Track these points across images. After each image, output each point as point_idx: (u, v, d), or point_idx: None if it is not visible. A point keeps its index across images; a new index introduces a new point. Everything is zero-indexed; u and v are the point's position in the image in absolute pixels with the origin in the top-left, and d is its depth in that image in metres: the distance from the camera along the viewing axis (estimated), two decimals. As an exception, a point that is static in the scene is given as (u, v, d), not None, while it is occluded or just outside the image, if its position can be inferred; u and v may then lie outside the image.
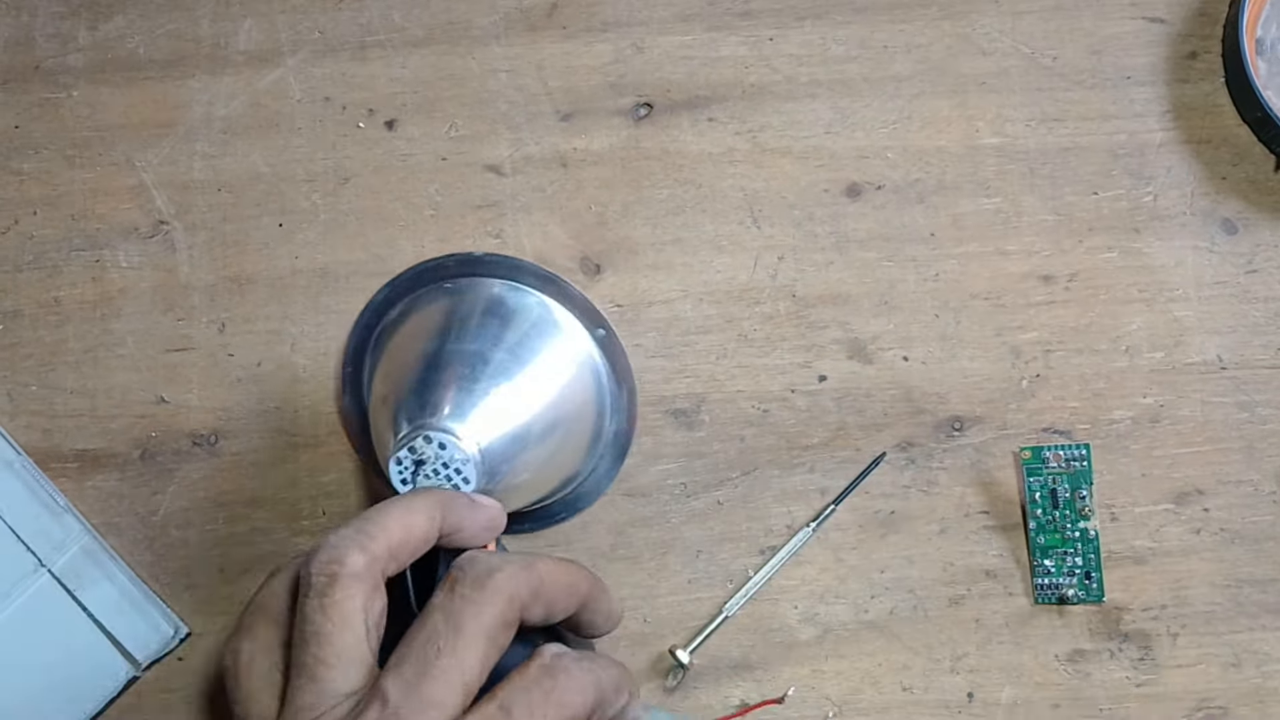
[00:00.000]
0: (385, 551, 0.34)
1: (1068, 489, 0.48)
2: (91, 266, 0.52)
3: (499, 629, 0.33)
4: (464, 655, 0.32)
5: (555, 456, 0.44)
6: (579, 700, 0.32)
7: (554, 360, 0.45)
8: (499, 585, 0.33)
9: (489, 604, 0.33)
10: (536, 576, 0.34)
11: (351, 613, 0.33)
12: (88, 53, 0.54)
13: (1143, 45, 0.53)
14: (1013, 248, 0.51)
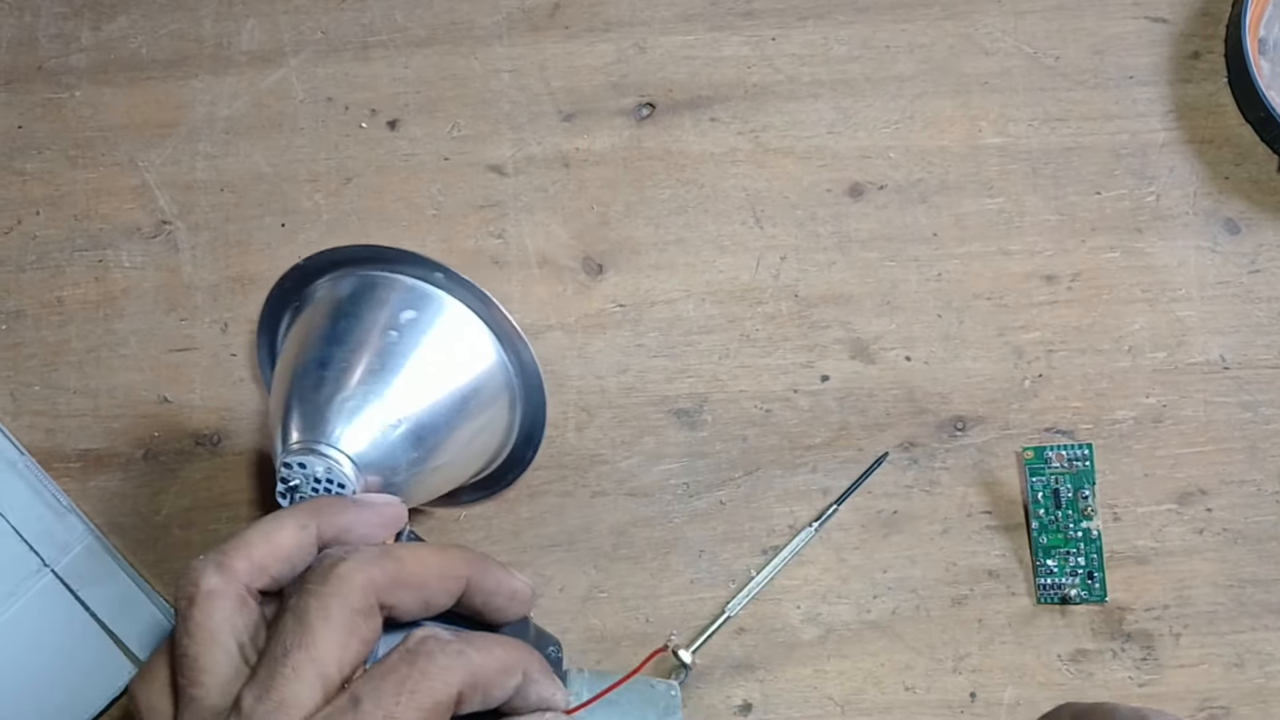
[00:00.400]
0: (246, 566, 0.34)
1: (1070, 489, 0.48)
2: (94, 266, 0.52)
3: (352, 619, 0.32)
4: (315, 650, 0.31)
5: (463, 438, 0.42)
6: (439, 685, 0.31)
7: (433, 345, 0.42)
8: (344, 574, 0.32)
9: (335, 595, 0.32)
10: (393, 563, 0.34)
11: (214, 630, 0.32)
12: (91, 53, 0.54)
13: (1145, 45, 0.53)
14: (1015, 247, 0.51)
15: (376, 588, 0.33)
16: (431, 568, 0.35)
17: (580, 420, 0.50)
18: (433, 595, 0.34)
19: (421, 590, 0.34)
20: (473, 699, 0.32)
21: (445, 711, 0.32)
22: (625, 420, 0.50)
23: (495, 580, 0.36)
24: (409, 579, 0.34)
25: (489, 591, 0.36)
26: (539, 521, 0.49)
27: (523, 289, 0.51)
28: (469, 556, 0.36)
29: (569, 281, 0.51)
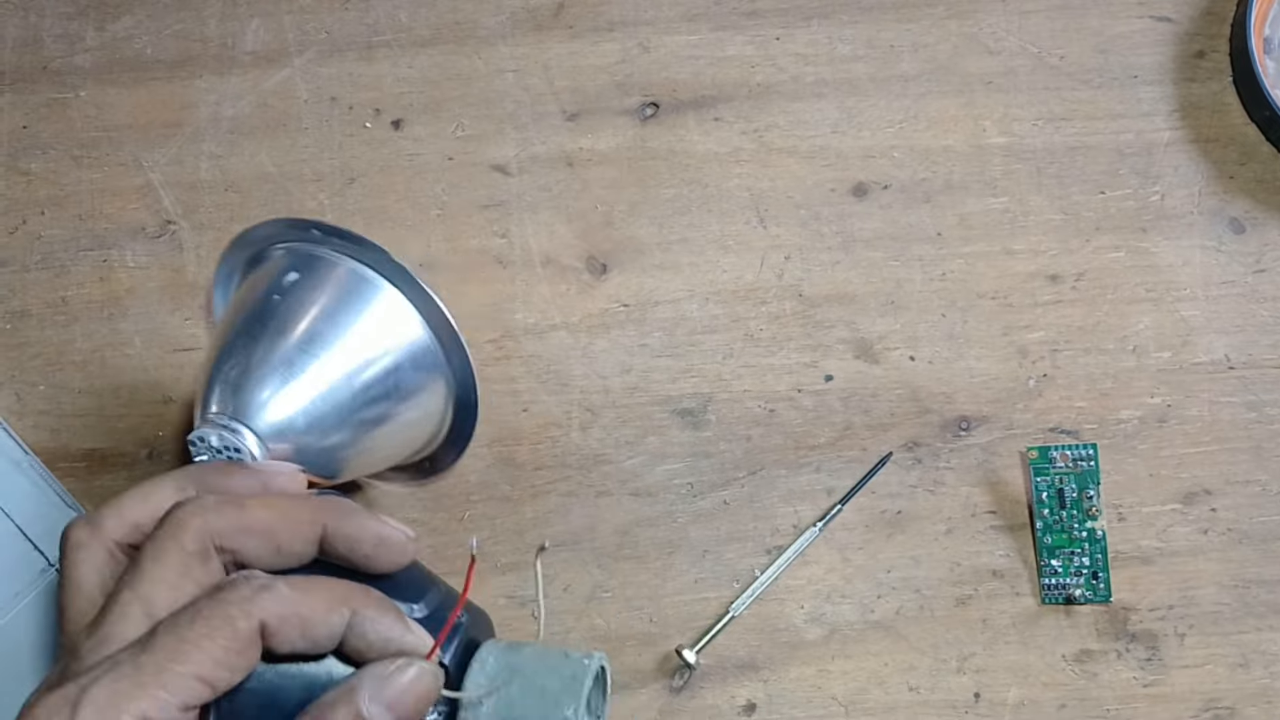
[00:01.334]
0: (115, 524, 0.35)
1: (1075, 489, 0.48)
2: (99, 266, 0.52)
3: (185, 560, 0.33)
4: (141, 588, 0.32)
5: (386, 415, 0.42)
6: (236, 614, 0.31)
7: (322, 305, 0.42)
8: (179, 518, 0.33)
9: (168, 537, 0.33)
10: (233, 509, 0.34)
11: (79, 580, 0.34)
12: (95, 53, 0.54)
13: (1150, 44, 0.53)
14: (1020, 247, 0.51)
15: (212, 531, 0.33)
16: (279, 514, 0.35)
17: (584, 420, 0.50)
18: (284, 542, 0.34)
19: (269, 536, 0.34)
20: (285, 633, 0.32)
21: (246, 644, 0.31)
22: (629, 420, 0.50)
23: (357, 526, 0.36)
24: (253, 524, 0.34)
25: (352, 538, 0.35)
26: (543, 521, 0.49)
27: (526, 289, 0.51)
28: (326, 503, 0.36)
29: (573, 281, 0.51)
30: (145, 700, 0.30)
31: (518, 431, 0.50)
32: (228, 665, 0.31)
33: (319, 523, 0.35)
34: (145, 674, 0.30)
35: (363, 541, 0.36)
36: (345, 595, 0.33)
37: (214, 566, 0.34)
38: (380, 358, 0.42)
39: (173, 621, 0.31)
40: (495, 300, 0.51)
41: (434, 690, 0.34)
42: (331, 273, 0.42)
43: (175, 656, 0.30)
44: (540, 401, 0.50)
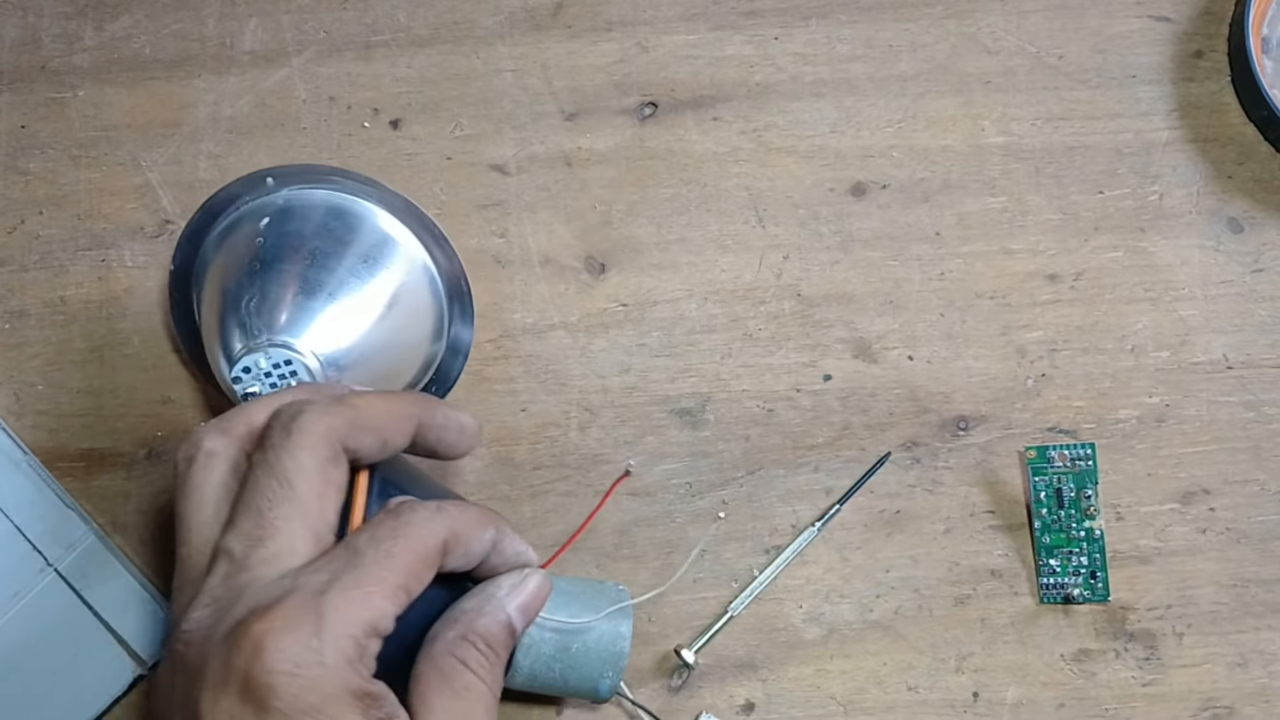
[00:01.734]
0: (246, 431, 0.36)
1: (1073, 488, 0.48)
2: (97, 266, 0.52)
3: (324, 468, 0.34)
4: (299, 503, 0.33)
5: (395, 359, 0.45)
6: (426, 533, 0.33)
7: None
8: (305, 426, 0.34)
9: (301, 446, 0.34)
10: (349, 408, 0.35)
11: (207, 489, 0.35)
12: (94, 53, 0.54)
13: (1148, 44, 0.53)
14: (1018, 247, 0.51)
15: (338, 434, 0.34)
16: (383, 409, 0.36)
17: (583, 420, 0.50)
18: (389, 436, 0.36)
19: (379, 432, 0.36)
20: (455, 551, 0.34)
21: (433, 559, 0.34)
22: (627, 420, 0.50)
23: (444, 416, 0.38)
24: (366, 422, 0.35)
25: (440, 427, 0.38)
26: (542, 521, 0.49)
27: (525, 288, 0.51)
28: (416, 396, 0.38)
29: (571, 281, 0.51)
30: (374, 608, 0.31)
31: (516, 431, 0.50)
32: (419, 578, 0.33)
33: (414, 416, 0.37)
34: (369, 583, 0.32)
35: (448, 430, 0.38)
36: (490, 516, 0.36)
37: (344, 468, 0.35)
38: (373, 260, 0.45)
39: (374, 536, 0.33)
40: (494, 300, 0.51)
41: (547, 594, 0.38)
42: (305, 205, 0.45)
43: (388, 566, 0.32)
44: (539, 401, 0.50)
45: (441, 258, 0.47)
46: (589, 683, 0.41)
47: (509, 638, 0.36)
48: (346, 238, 0.45)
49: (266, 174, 0.46)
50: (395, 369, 0.45)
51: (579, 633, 0.41)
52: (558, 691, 0.42)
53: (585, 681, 0.41)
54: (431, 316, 0.47)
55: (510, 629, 0.36)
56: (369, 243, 0.45)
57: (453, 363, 0.49)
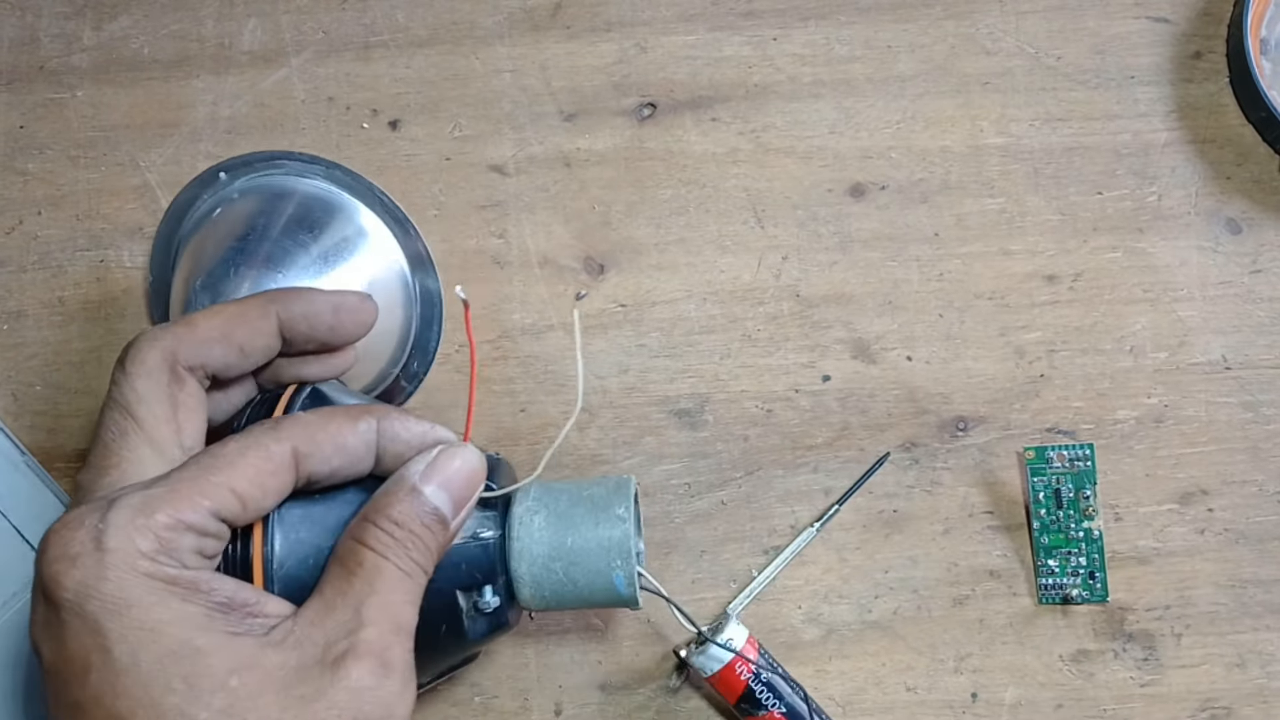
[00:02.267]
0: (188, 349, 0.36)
1: (1072, 489, 0.48)
2: (96, 267, 0.52)
3: (162, 389, 0.34)
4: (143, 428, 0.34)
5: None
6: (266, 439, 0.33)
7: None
8: (136, 354, 0.35)
9: (137, 375, 0.34)
10: (184, 325, 0.35)
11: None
12: (92, 53, 0.54)
13: (1147, 45, 0.53)
14: (1017, 247, 0.51)
15: (173, 355, 0.35)
16: (227, 314, 0.36)
17: (581, 420, 0.50)
18: (244, 340, 0.36)
19: (227, 339, 0.36)
20: (320, 454, 0.33)
21: (280, 465, 0.32)
22: (626, 420, 0.50)
23: (307, 300, 0.37)
24: (204, 334, 0.35)
25: (309, 314, 0.37)
26: (540, 521, 0.49)
27: (524, 289, 0.51)
28: (270, 292, 0.37)
29: (570, 281, 0.51)
30: (180, 503, 0.31)
31: (515, 432, 0.50)
32: (260, 484, 0.32)
33: (270, 312, 0.36)
34: (181, 484, 0.31)
35: (320, 313, 0.37)
36: (366, 409, 0.35)
37: (191, 387, 0.35)
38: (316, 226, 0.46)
39: (207, 449, 0.33)
40: (493, 301, 0.51)
41: (481, 470, 0.35)
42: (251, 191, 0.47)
43: (210, 470, 0.31)
44: (538, 402, 0.50)
45: (393, 224, 0.48)
46: (601, 578, 0.37)
47: (429, 517, 0.33)
48: (285, 209, 0.46)
49: (219, 169, 0.48)
50: None
51: (571, 526, 0.37)
52: (578, 601, 0.38)
53: (597, 578, 0.37)
54: (392, 273, 0.47)
55: (428, 507, 0.33)
56: (309, 211, 0.46)
57: (431, 315, 0.49)
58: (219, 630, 0.30)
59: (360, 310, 0.38)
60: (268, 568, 0.33)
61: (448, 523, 0.34)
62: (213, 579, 0.31)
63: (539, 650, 0.48)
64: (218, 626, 0.30)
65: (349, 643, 0.31)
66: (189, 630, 0.30)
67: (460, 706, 0.47)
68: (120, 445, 0.33)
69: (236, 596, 0.31)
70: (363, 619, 0.31)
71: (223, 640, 0.30)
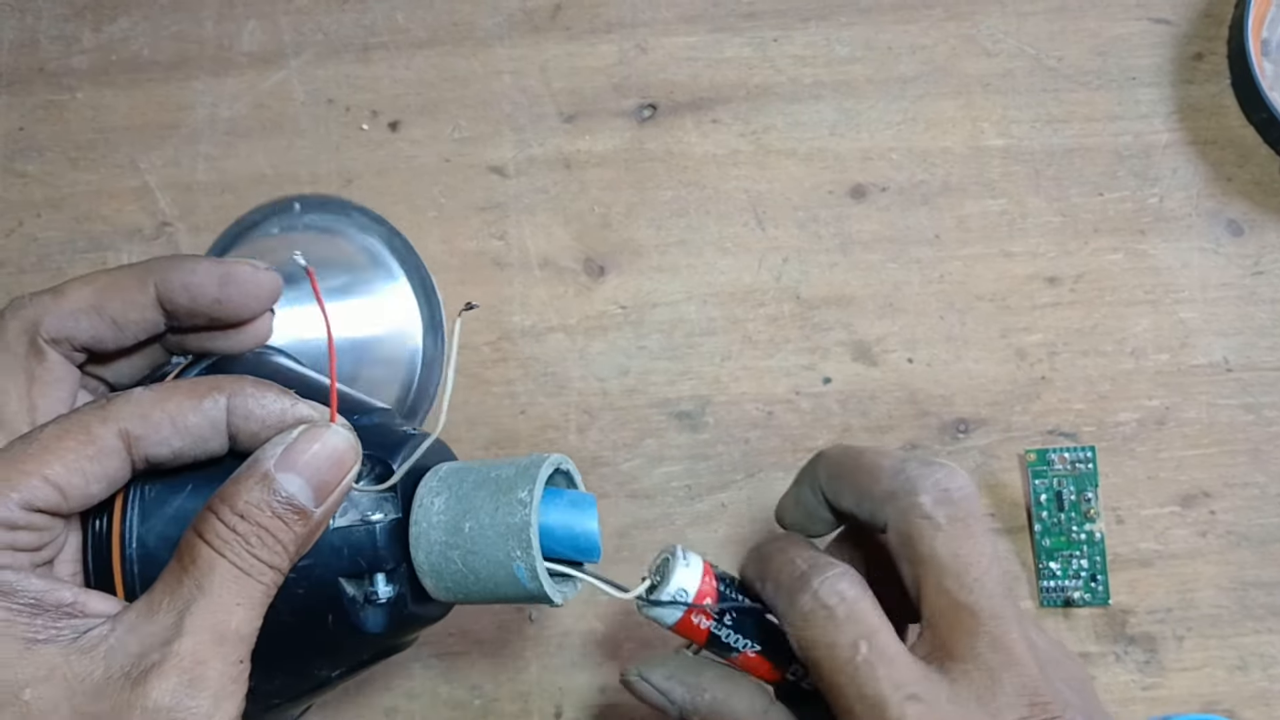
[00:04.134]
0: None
1: (1073, 491, 0.48)
2: (95, 268, 0.51)
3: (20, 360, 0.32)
4: None
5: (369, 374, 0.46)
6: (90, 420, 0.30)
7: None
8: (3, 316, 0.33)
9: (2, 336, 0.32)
10: (52, 294, 0.33)
11: None
12: (92, 55, 0.54)
13: (1148, 46, 0.53)
14: (1018, 249, 0.51)
15: (34, 325, 0.33)
16: (99, 285, 0.33)
17: (582, 422, 0.50)
18: (116, 312, 0.33)
19: (96, 311, 0.33)
20: (156, 434, 0.30)
21: (104, 449, 0.30)
22: (627, 422, 0.50)
23: (188, 270, 0.34)
24: (73, 304, 0.33)
25: (191, 285, 0.33)
26: (540, 524, 0.48)
27: (524, 291, 0.51)
28: (150, 263, 0.34)
29: (570, 283, 0.51)
30: None
31: (515, 434, 0.49)
32: (81, 470, 0.29)
33: (147, 282, 0.33)
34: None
35: (202, 285, 0.33)
36: (214, 383, 0.31)
37: (53, 361, 0.33)
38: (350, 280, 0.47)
39: (28, 432, 0.30)
40: (493, 302, 0.51)
41: (349, 453, 0.31)
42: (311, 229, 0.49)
43: (21, 458, 0.29)
44: (538, 404, 0.50)
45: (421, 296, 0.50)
46: (502, 570, 0.32)
47: (283, 507, 0.29)
48: (336, 250, 0.47)
49: (295, 200, 0.48)
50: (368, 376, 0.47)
51: (471, 510, 0.33)
52: (486, 595, 0.34)
53: (498, 569, 0.33)
54: (404, 335, 0.49)
55: (281, 496, 0.29)
56: (354, 257, 0.48)
57: (428, 379, 0.49)
58: (17, 637, 0.28)
59: (252, 282, 0.34)
60: (125, 547, 0.31)
61: (308, 512, 0.30)
62: (18, 578, 0.28)
63: (539, 652, 0.48)
64: (18, 632, 0.28)
65: (160, 654, 0.28)
66: None
67: (460, 709, 0.47)
68: None
69: (47, 598, 0.28)
70: (183, 626, 0.28)
71: (18, 649, 0.27)
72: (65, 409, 0.33)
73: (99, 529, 0.31)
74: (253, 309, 0.34)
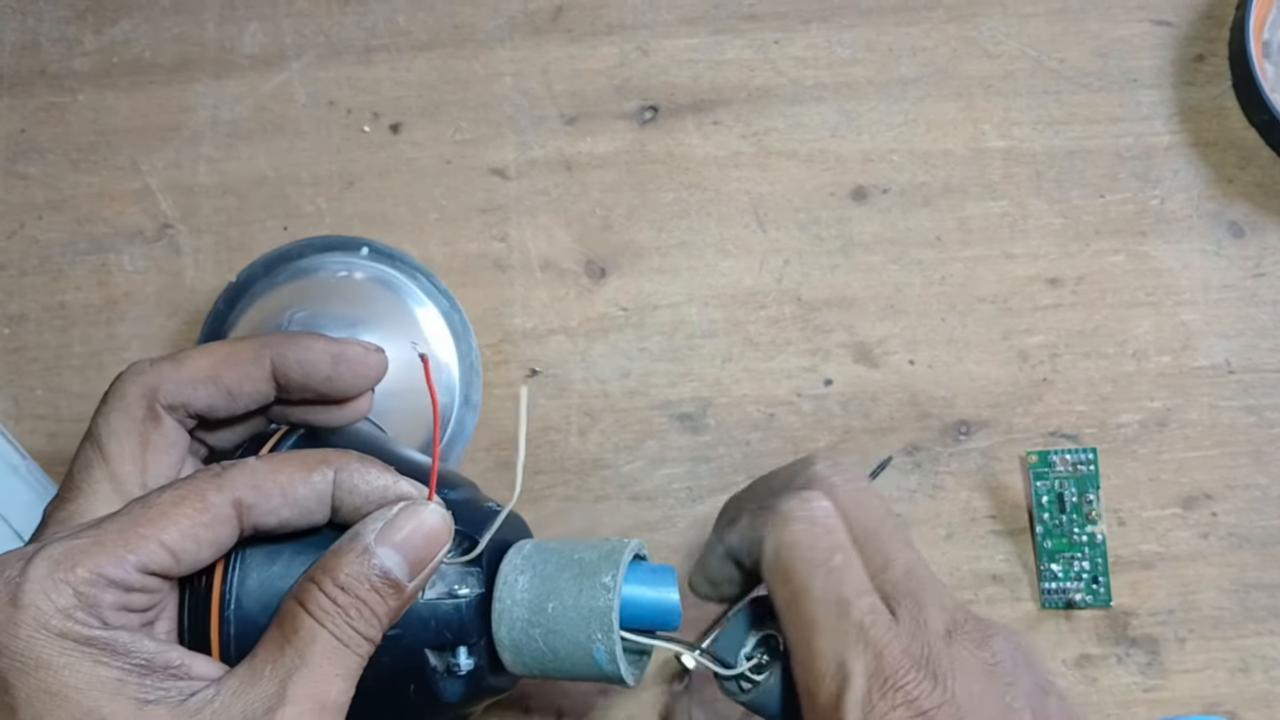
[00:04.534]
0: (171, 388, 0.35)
1: (1075, 493, 0.48)
2: (97, 270, 0.52)
3: (136, 425, 0.33)
4: (108, 462, 0.33)
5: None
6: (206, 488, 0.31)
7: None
8: (118, 388, 0.34)
9: (113, 408, 0.34)
10: (170, 363, 0.34)
11: None
12: (93, 57, 0.54)
13: (1149, 48, 0.53)
14: (1019, 251, 0.51)
15: (153, 392, 0.34)
16: (217, 354, 0.34)
17: (583, 424, 0.50)
18: (232, 383, 0.34)
19: (214, 381, 0.34)
20: (266, 504, 0.31)
21: (220, 516, 0.31)
22: (628, 424, 0.50)
23: (303, 347, 0.35)
24: (190, 374, 0.34)
25: (305, 362, 0.35)
26: (542, 526, 0.48)
27: (525, 293, 0.51)
28: (271, 336, 0.35)
29: (571, 285, 0.51)
30: (103, 557, 0.29)
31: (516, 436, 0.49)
32: (194, 536, 0.30)
33: (264, 356, 0.34)
34: (107, 535, 0.30)
35: (316, 363, 0.35)
36: (323, 457, 0.32)
37: (168, 427, 0.34)
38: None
39: (144, 496, 0.31)
40: (494, 304, 0.51)
41: (443, 530, 0.33)
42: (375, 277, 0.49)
43: (141, 521, 0.30)
44: (539, 406, 0.50)
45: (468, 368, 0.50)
46: (581, 650, 0.34)
47: (379, 581, 0.31)
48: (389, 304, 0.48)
49: (366, 244, 0.49)
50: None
51: (555, 591, 0.34)
52: (563, 672, 0.35)
53: (577, 650, 0.34)
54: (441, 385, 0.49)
55: (379, 571, 0.31)
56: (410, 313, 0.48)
57: (464, 419, 0.50)
58: (130, 697, 0.29)
59: (363, 363, 0.35)
60: (224, 610, 0.32)
61: (402, 586, 0.32)
62: (132, 639, 0.29)
63: (540, 655, 0.48)
64: (130, 692, 0.29)
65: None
66: (98, 696, 0.28)
67: (461, 711, 0.47)
68: (83, 478, 0.33)
69: (158, 658, 0.29)
70: (286, 695, 0.29)
71: (131, 709, 0.28)
72: (175, 473, 0.34)
73: (198, 590, 0.32)
74: (360, 387, 0.36)
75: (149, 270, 0.52)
